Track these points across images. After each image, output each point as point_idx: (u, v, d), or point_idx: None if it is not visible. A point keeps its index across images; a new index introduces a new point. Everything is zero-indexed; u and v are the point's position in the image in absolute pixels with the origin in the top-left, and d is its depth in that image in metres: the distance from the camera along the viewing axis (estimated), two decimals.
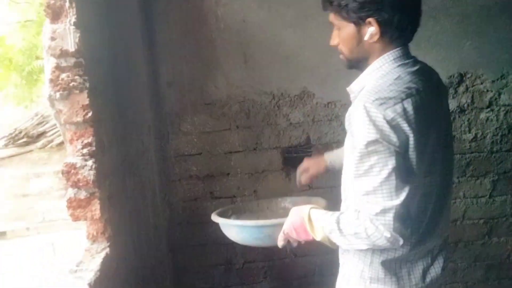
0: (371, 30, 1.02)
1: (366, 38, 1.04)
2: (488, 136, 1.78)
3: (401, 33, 1.03)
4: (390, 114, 0.95)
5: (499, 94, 1.74)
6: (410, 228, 1.00)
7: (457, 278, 1.91)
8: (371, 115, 0.97)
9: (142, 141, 1.60)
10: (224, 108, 1.72)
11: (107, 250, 1.23)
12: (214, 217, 1.39)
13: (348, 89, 1.14)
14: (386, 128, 0.96)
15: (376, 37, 1.03)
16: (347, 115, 1.05)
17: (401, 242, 1.00)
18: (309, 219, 1.13)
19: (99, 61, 1.08)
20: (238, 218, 1.49)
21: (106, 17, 1.19)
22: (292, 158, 1.83)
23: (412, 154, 1.01)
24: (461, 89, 1.73)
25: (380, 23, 1.01)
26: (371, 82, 1.05)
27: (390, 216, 0.99)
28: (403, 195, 0.99)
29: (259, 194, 1.80)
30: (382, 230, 1.00)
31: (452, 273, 1.90)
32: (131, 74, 1.45)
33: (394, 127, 0.97)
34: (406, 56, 1.04)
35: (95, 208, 1.05)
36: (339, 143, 1.78)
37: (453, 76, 1.71)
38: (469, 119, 1.76)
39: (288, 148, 1.81)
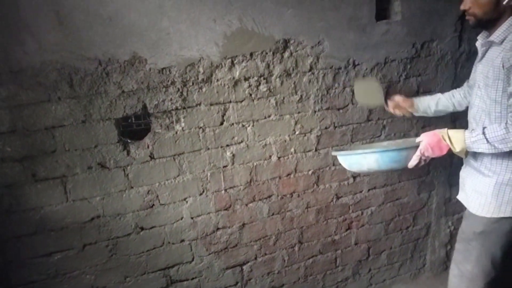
0: None
1: (505, 2, 1.31)
2: (311, 97, 1.99)
3: None
4: None
5: (318, 59, 1.94)
6: None
7: (294, 225, 2.16)
8: None
9: None
10: (39, 76, 1.48)
11: None
12: (344, 152, 1.68)
13: (486, 41, 1.51)
14: None
15: None
16: (503, 56, 1.40)
17: None
18: (448, 137, 1.48)
19: None
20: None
21: None
22: (130, 129, 1.74)
23: None
24: (286, 54, 1.87)
25: None
26: None
27: None
28: None
29: (94, 171, 1.66)
30: None
31: (289, 221, 2.14)
32: None
33: None
34: None
35: None
36: (177, 110, 1.76)
37: (279, 42, 1.83)
38: (294, 82, 1.93)
39: (125, 119, 1.70)
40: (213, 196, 1.91)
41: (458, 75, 2.31)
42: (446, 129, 1.57)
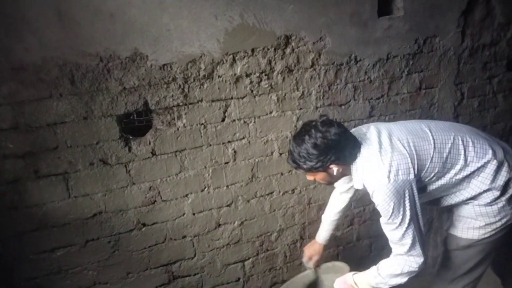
0: (335, 169, 1.40)
1: (335, 174, 1.42)
2: (313, 93, 1.98)
3: (352, 153, 1.40)
4: (400, 177, 1.32)
5: (319, 55, 1.93)
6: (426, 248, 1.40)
7: (295, 221, 2.16)
8: (388, 188, 1.31)
9: None
10: (40, 73, 1.48)
11: None
12: None
13: (355, 188, 1.50)
14: (402, 189, 1.32)
15: (341, 169, 1.42)
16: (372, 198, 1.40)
17: (427, 260, 1.39)
18: (355, 283, 1.51)
19: None
20: None
21: None
22: (132, 125, 1.73)
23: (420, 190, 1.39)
24: (288, 50, 1.86)
25: (338, 164, 1.39)
26: (364, 177, 1.39)
27: (418, 247, 1.37)
28: (420, 229, 1.37)
29: (96, 167, 1.66)
30: (412, 261, 1.38)
31: (291, 217, 2.14)
32: None
33: (404, 182, 1.32)
34: (360, 150, 1.41)
35: None
36: (179, 107, 1.75)
37: (281, 38, 1.82)
38: (296, 78, 1.93)
39: (126, 115, 1.70)
40: (214, 193, 1.92)
41: (461, 71, 2.29)
42: (351, 274, 1.56)
